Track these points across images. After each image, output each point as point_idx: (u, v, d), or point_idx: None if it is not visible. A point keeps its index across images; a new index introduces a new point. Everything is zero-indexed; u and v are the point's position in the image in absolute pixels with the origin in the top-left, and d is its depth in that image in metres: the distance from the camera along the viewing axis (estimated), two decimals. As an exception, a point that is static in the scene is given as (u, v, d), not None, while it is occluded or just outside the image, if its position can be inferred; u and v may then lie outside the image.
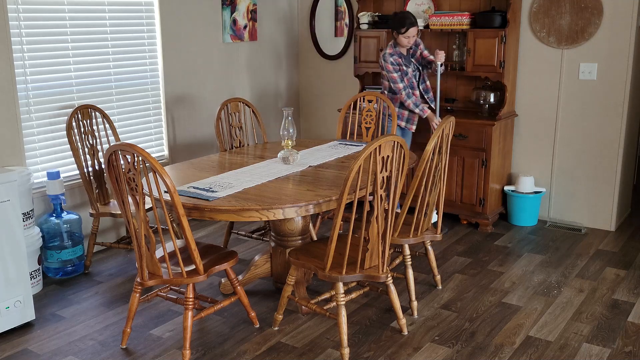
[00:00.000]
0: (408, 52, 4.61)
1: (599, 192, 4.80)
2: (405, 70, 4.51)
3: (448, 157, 3.40)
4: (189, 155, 4.96)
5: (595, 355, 3.07)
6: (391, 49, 4.50)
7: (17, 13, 3.84)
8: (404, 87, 4.49)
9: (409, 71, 4.53)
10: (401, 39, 4.45)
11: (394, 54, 4.48)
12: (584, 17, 4.60)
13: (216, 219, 2.93)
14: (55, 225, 3.92)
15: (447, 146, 3.34)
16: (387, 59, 4.46)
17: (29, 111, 3.97)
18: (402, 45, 4.50)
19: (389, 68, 4.46)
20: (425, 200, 3.36)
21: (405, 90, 4.50)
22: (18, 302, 3.30)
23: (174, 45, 4.84)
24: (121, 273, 4.10)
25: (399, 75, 4.48)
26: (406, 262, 3.48)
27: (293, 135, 3.64)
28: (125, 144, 2.68)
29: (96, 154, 4.15)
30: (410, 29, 4.39)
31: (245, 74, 5.55)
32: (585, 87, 4.71)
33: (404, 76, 4.51)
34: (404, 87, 4.49)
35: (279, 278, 3.70)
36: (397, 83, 4.49)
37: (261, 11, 5.60)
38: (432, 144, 3.20)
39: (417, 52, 4.65)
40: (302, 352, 3.10)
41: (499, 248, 4.48)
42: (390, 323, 3.38)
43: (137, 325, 3.36)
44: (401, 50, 4.53)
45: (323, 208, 2.97)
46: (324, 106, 6.07)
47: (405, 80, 4.51)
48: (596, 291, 3.77)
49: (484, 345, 3.16)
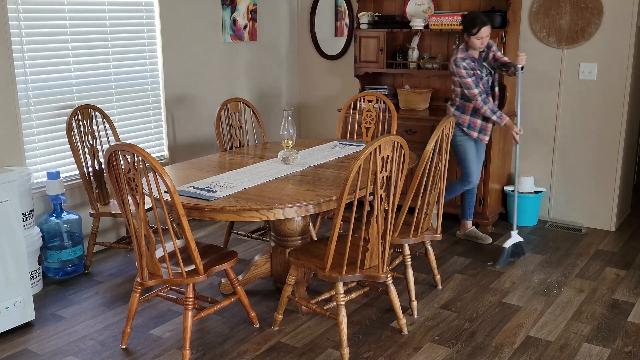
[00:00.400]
0: (480, 55, 4.27)
1: (599, 192, 4.80)
2: (480, 74, 4.20)
3: (448, 157, 3.40)
4: (189, 155, 4.96)
5: (595, 355, 3.07)
6: (463, 52, 4.18)
7: (17, 13, 3.84)
8: (479, 92, 4.16)
9: (483, 75, 4.23)
10: (473, 40, 4.14)
11: (467, 58, 4.16)
12: (584, 17, 4.60)
13: (216, 219, 2.93)
14: (55, 225, 3.92)
15: (447, 146, 3.35)
16: (459, 64, 4.14)
17: (29, 111, 3.97)
18: (474, 47, 4.18)
19: (462, 73, 4.13)
20: (425, 200, 3.37)
21: (481, 96, 4.17)
22: (18, 302, 3.30)
23: (174, 45, 4.84)
24: (121, 273, 4.10)
25: (473, 80, 4.16)
26: (406, 262, 3.49)
27: (293, 135, 3.64)
28: (125, 144, 2.68)
29: (96, 154, 4.15)
30: (483, 29, 4.08)
31: (245, 74, 5.55)
32: (585, 87, 4.71)
33: (479, 81, 4.20)
34: (479, 93, 4.16)
35: (279, 278, 3.70)
36: (471, 89, 4.15)
37: (261, 11, 5.60)
38: (432, 143, 3.20)
39: (490, 55, 4.29)
40: (302, 352, 3.10)
41: (499, 248, 4.48)
42: (390, 323, 3.38)
43: (137, 325, 3.36)
44: (473, 54, 4.21)
45: (323, 208, 2.97)
46: (324, 106, 6.07)
47: (480, 85, 4.19)
48: (596, 291, 3.77)
49: (484, 345, 3.16)
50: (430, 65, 5.13)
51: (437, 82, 5.32)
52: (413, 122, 4.97)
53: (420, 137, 4.86)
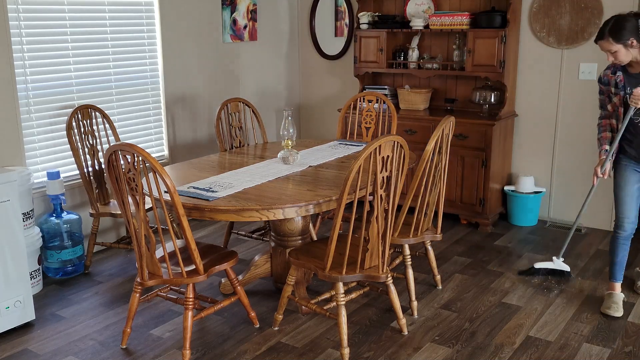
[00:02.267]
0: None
1: (599, 192, 4.80)
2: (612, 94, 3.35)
3: (448, 157, 3.40)
4: (189, 155, 4.96)
5: (595, 355, 3.07)
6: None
7: (17, 13, 3.83)
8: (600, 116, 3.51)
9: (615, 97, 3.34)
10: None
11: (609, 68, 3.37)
12: (584, 17, 4.60)
13: (216, 219, 2.93)
14: (55, 225, 3.92)
15: (447, 146, 3.34)
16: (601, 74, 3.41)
17: (29, 111, 3.97)
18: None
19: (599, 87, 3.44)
20: (425, 200, 3.37)
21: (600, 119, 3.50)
22: (18, 302, 3.30)
23: (174, 45, 4.84)
24: (121, 273, 4.10)
25: (601, 98, 3.46)
26: (406, 262, 3.48)
27: (293, 135, 3.64)
28: (125, 144, 2.68)
29: (96, 154, 4.15)
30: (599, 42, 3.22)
31: (245, 74, 5.55)
32: (585, 87, 4.71)
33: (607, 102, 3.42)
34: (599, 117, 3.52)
35: (279, 278, 3.70)
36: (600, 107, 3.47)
37: (261, 11, 5.60)
38: (432, 144, 3.20)
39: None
40: (302, 352, 3.10)
41: (499, 248, 4.48)
42: (390, 323, 3.38)
43: (137, 325, 3.36)
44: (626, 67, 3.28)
45: (323, 208, 2.97)
46: (324, 106, 6.07)
47: (608, 107, 3.43)
48: (596, 291, 3.77)
49: (484, 345, 3.16)
50: (430, 65, 5.13)
51: (437, 82, 5.32)
52: (413, 122, 4.97)
53: (420, 137, 4.86)
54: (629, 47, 3.12)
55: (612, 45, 3.14)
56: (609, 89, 3.36)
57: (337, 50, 5.88)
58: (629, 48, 3.12)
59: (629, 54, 3.15)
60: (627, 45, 3.11)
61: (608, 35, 3.14)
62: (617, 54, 3.16)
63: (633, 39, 3.09)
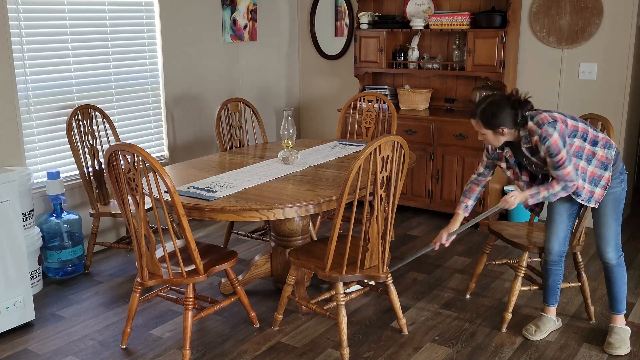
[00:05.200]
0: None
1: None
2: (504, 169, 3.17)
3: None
4: (189, 155, 4.96)
5: (595, 355, 3.07)
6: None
7: (17, 13, 3.83)
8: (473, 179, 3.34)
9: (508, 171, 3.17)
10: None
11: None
12: (584, 17, 4.60)
13: (216, 219, 2.93)
14: (55, 225, 3.92)
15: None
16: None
17: (29, 111, 3.97)
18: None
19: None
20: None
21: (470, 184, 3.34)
22: (18, 302, 3.30)
23: (174, 45, 4.84)
24: (121, 273, 4.10)
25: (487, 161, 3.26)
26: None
27: (293, 135, 3.64)
28: (125, 144, 2.68)
29: (96, 154, 4.15)
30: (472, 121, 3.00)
31: (245, 74, 5.55)
32: (585, 87, 4.71)
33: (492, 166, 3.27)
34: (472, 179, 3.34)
35: (279, 278, 3.70)
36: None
37: (261, 11, 5.60)
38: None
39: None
40: (302, 352, 3.10)
41: (499, 248, 4.48)
42: (390, 323, 3.38)
43: (137, 325, 3.36)
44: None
45: (323, 208, 2.97)
46: (324, 106, 6.07)
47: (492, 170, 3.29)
48: (596, 291, 3.77)
49: (484, 345, 3.16)
50: (430, 65, 5.13)
51: (437, 82, 5.32)
52: (413, 122, 4.97)
53: (420, 137, 4.86)
54: (498, 135, 2.91)
55: (480, 128, 2.93)
56: (498, 164, 3.16)
57: (337, 50, 5.88)
58: (498, 135, 2.91)
59: (498, 139, 2.94)
60: (496, 133, 2.90)
61: (478, 117, 2.92)
62: (485, 137, 2.96)
63: (504, 127, 2.87)
